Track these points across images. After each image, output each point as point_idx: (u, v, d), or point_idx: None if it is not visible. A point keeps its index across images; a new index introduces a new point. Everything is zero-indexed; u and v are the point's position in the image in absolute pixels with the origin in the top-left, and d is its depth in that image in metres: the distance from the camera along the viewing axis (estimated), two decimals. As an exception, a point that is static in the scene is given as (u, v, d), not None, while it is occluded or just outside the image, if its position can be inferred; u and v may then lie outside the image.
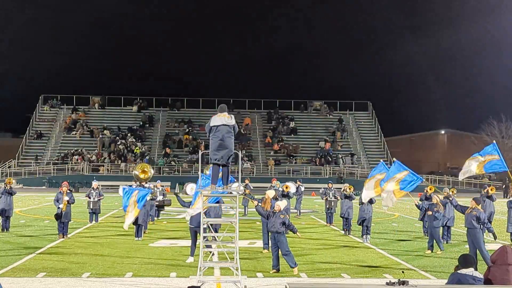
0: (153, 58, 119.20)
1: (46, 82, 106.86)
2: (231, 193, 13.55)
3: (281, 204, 15.24)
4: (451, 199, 19.93)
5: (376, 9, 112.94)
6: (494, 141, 19.16)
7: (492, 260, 8.69)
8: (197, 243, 15.86)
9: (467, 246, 19.64)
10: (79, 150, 65.12)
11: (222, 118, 12.81)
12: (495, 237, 17.84)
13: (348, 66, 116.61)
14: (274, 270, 14.76)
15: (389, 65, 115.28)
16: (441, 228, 19.98)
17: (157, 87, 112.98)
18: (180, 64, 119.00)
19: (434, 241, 18.66)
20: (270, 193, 16.79)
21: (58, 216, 20.67)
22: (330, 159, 66.02)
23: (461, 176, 19.91)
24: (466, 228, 16.12)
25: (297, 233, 15.05)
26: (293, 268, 14.60)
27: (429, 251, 18.46)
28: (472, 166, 18.78)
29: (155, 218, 26.57)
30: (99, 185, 26.94)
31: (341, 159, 66.26)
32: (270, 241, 15.98)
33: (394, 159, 19.36)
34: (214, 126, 12.80)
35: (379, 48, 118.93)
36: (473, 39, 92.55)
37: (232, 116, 13.01)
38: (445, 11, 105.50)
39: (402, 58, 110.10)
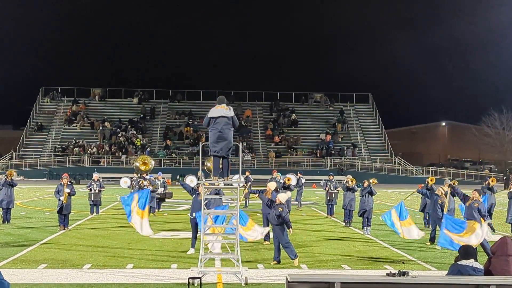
0: (154, 50, 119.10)
1: (47, 74, 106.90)
2: (231, 185, 13.56)
3: (282, 197, 15.19)
4: (454, 189, 19.85)
5: (376, 1, 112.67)
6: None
7: (492, 251, 8.70)
8: (197, 234, 15.88)
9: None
10: (80, 142, 65.13)
11: (221, 110, 12.77)
12: (493, 230, 17.82)
13: (349, 58, 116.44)
14: (275, 262, 14.77)
15: (390, 57, 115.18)
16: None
17: (158, 79, 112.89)
18: (180, 56, 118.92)
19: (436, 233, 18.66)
20: (272, 185, 16.81)
21: (61, 210, 20.72)
22: (332, 152, 66.03)
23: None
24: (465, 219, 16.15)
25: (291, 229, 14.90)
26: (294, 260, 14.61)
27: (430, 243, 18.47)
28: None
29: (156, 210, 26.61)
30: (100, 177, 26.95)
31: (345, 151, 66.33)
32: (271, 233, 15.98)
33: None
34: (213, 118, 12.77)
35: (380, 40, 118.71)
36: (474, 30, 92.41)
37: (231, 107, 12.97)
38: (445, 3, 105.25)
39: (403, 50, 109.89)
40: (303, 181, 30.45)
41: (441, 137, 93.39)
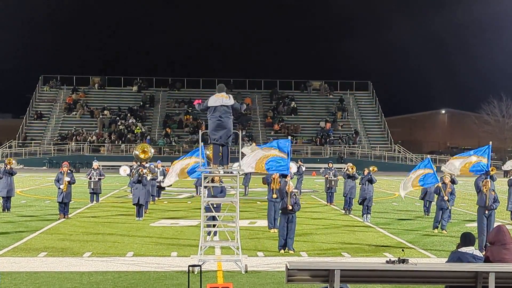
0: (153, 38, 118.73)
1: (46, 63, 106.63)
2: (231, 173, 13.55)
3: (291, 184, 15.39)
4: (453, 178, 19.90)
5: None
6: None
7: (490, 241, 8.70)
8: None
9: (467, 225, 19.77)
10: (80, 131, 65.08)
11: (220, 99, 12.76)
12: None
13: (348, 46, 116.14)
14: (283, 250, 14.74)
15: (390, 45, 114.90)
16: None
17: (157, 67, 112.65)
18: (180, 44, 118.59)
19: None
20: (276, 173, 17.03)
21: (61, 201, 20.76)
22: (327, 140, 65.97)
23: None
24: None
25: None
26: (290, 251, 14.68)
27: (437, 230, 18.45)
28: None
29: (156, 198, 26.64)
30: (99, 165, 26.95)
31: (353, 138, 66.30)
32: (279, 221, 15.94)
33: (490, 142, 18.10)
34: (212, 106, 12.76)
35: (380, 27, 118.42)
36: (474, 18, 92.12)
37: (231, 96, 12.95)
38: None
39: (402, 38, 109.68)
40: (304, 169, 30.46)
41: (440, 125, 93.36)
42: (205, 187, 13.55)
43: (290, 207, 14.80)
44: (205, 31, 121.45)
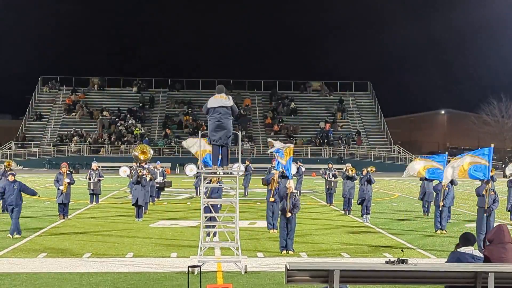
0: (153, 39, 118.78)
1: (46, 63, 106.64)
2: (231, 173, 13.56)
3: (292, 185, 15.42)
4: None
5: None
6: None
7: (489, 239, 8.71)
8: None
9: (467, 225, 19.79)
10: (79, 132, 65.07)
11: (219, 100, 12.77)
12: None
13: (348, 47, 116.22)
14: (285, 251, 14.72)
15: (390, 45, 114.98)
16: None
17: (157, 68, 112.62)
18: (179, 45, 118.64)
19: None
20: (276, 173, 17.01)
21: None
22: (325, 141, 65.96)
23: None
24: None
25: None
26: (290, 251, 14.68)
27: (440, 231, 18.42)
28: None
29: (156, 199, 26.64)
30: (99, 166, 26.93)
31: (357, 139, 66.36)
32: (279, 222, 15.94)
33: (492, 144, 17.27)
34: (212, 107, 12.78)
35: (380, 28, 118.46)
36: (473, 19, 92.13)
37: (230, 97, 12.96)
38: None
39: (402, 38, 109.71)
40: (303, 169, 30.48)
41: (440, 126, 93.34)
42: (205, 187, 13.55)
43: (289, 214, 14.79)
44: (204, 31, 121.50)
